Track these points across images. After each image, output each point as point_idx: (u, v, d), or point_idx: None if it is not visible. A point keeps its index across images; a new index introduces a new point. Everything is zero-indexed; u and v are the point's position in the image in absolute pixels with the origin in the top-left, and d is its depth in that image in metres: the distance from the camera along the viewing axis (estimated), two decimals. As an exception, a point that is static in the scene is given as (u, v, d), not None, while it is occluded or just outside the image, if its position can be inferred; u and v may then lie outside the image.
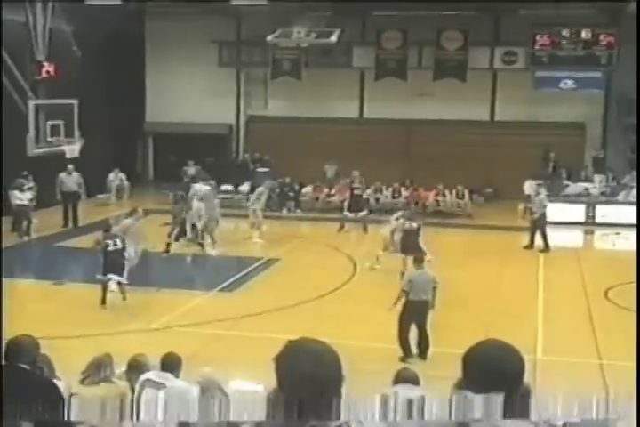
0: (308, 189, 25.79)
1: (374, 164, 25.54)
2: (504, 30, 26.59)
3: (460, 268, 16.90)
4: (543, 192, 21.21)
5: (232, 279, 16.27)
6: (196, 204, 19.03)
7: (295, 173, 25.68)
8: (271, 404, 2.50)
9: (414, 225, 16.59)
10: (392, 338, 11.54)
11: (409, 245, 16.01)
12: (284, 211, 24.57)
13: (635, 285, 15.27)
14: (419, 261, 11.95)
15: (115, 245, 14.12)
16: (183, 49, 27.99)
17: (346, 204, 22.32)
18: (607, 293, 15.54)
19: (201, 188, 19.92)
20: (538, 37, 26.05)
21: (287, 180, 25.48)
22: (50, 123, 19.55)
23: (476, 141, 26.88)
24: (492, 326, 11.65)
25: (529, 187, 24.88)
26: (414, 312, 11.39)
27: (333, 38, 23.95)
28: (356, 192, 22.36)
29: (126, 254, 14.39)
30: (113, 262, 14.07)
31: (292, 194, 24.96)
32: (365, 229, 21.73)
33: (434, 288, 11.46)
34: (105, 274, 14.05)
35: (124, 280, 14.03)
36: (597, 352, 11.99)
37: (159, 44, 28.39)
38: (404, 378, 7.22)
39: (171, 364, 7.50)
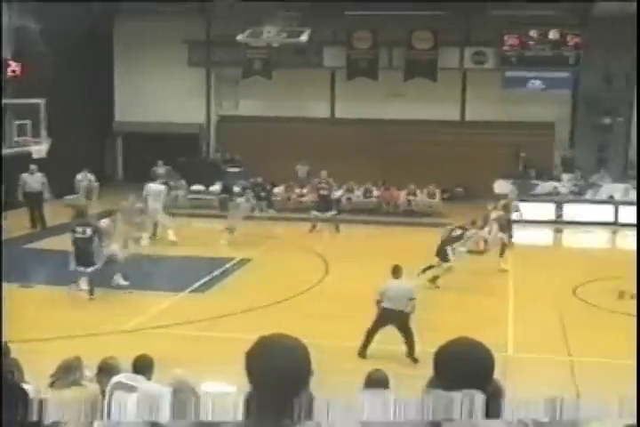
0: (279, 189, 25.76)
1: (346, 163, 25.60)
2: (474, 30, 26.75)
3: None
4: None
5: (204, 280, 16.20)
6: (151, 203, 19.22)
7: (267, 173, 25.61)
8: (247, 403, 2.51)
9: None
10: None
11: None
12: (256, 211, 24.50)
13: (600, 282, 15.47)
14: (396, 272, 11.88)
15: (83, 233, 13.99)
16: (153, 49, 27.85)
17: (315, 204, 22.45)
18: (576, 290, 15.69)
19: (155, 187, 20.12)
20: (507, 38, 26.26)
21: (259, 180, 25.39)
22: (17, 123, 19.33)
23: (446, 141, 27.01)
24: (464, 324, 11.70)
25: (499, 186, 25.10)
26: (387, 319, 11.40)
27: (304, 38, 23.95)
28: (322, 192, 22.43)
29: (99, 246, 14.35)
30: (81, 252, 13.94)
31: (263, 194, 24.88)
32: (337, 229, 21.81)
33: (411, 299, 11.40)
34: (77, 265, 13.99)
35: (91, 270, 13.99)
36: (567, 349, 12.09)
37: (129, 44, 28.23)
38: (375, 380, 7.21)
39: (142, 366, 7.43)
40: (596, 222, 22.17)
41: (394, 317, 11.33)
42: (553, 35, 25.97)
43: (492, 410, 2.59)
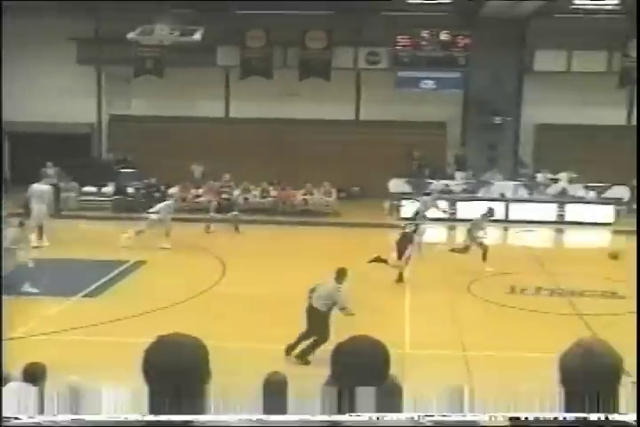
0: (174, 190, 25.36)
1: (242, 163, 25.46)
2: (367, 31, 26.97)
3: (329, 266, 17.03)
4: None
5: (97, 284, 15.76)
6: (35, 205, 18.67)
7: (161, 173, 25.22)
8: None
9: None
10: (266, 338, 11.49)
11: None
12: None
13: (497, 276, 15.84)
14: (337, 274, 11.79)
15: None
16: (41, 47, 27.02)
17: (214, 205, 22.31)
18: (470, 286, 16.00)
19: (38, 187, 19.55)
20: (399, 38, 26.61)
21: (153, 180, 24.98)
22: None
23: (342, 141, 27.20)
24: (361, 322, 11.72)
25: (394, 185, 25.45)
26: (307, 316, 11.46)
27: (197, 36, 23.65)
28: (224, 196, 22.55)
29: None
30: None
31: (157, 195, 24.48)
32: (237, 230, 21.70)
33: (334, 302, 11.38)
34: None
35: None
36: (462, 344, 12.28)
37: (15, 42, 27.23)
38: (274, 382, 7.13)
39: (34, 374, 7.14)
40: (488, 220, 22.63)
41: (309, 314, 11.36)
42: (443, 36, 26.47)
43: (390, 407, 2.60)
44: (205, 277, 16.33)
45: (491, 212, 18.86)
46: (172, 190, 25.30)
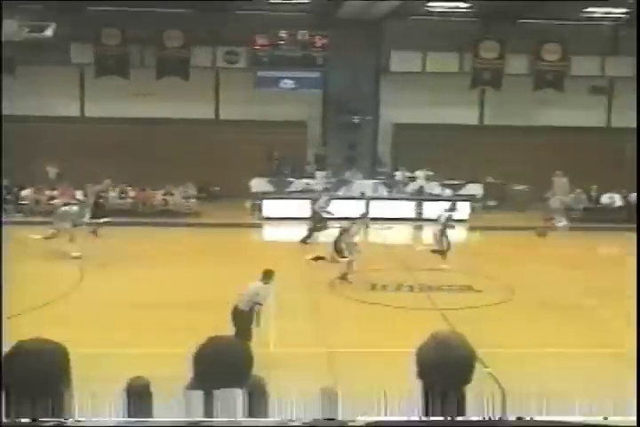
0: (27, 192, 24.40)
1: (99, 163, 24.74)
2: (225, 30, 26.79)
3: (190, 267, 16.84)
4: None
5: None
6: None
7: (14, 175, 24.20)
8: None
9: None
10: (125, 342, 11.20)
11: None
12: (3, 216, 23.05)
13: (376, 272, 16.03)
14: (264, 275, 11.72)
15: None
16: None
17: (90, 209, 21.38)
18: (331, 283, 16.13)
19: None
20: (257, 38, 26.58)
21: (5, 182, 23.94)
22: None
23: (201, 140, 26.93)
24: (223, 323, 11.60)
25: (255, 184, 25.41)
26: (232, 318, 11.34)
27: (48, 33, 22.84)
28: (101, 200, 22.51)
29: None
30: None
31: (10, 197, 23.49)
32: (95, 233, 20.94)
33: (256, 303, 11.35)
34: None
35: None
36: (326, 341, 12.34)
37: None
38: (136, 387, 6.93)
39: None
40: (349, 218, 22.90)
41: (234, 313, 11.29)
42: (301, 36, 26.64)
43: (255, 408, 2.62)
44: (61, 282, 15.76)
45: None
46: (24, 192, 24.35)
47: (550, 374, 10.05)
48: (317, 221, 21.57)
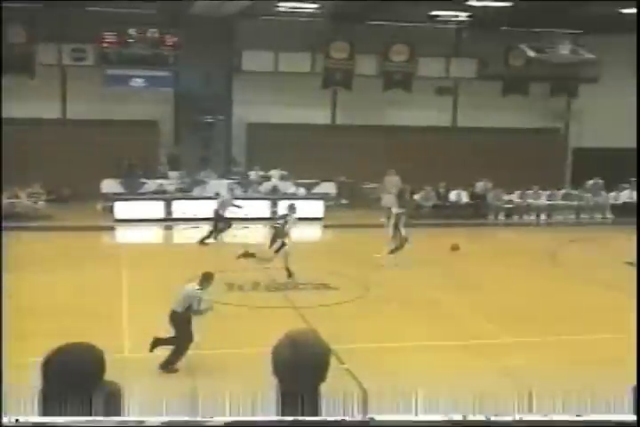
0: None
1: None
2: (72, 26, 26.01)
3: (46, 272, 16.27)
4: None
5: None
6: None
7: None
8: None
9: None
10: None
11: None
12: None
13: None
14: (202, 279, 11.23)
15: None
16: None
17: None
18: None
19: None
20: (106, 35, 25.96)
21: None
22: None
23: (49, 140, 26.12)
24: (77, 329, 11.27)
25: (107, 185, 24.81)
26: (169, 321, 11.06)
27: None
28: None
29: None
30: None
31: None
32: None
33: (189, 305, 10.99)
34: None
35: None
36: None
37: None
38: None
39: None
40: (204, 218, 22.76)
41: (170, 316, 11.03)
42: (151, 34, 26.22)
43: (111, 410, 2.67)
44: None
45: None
46: None
47: (406, 368, 10.31)
48: (220, 221, 21.21)
